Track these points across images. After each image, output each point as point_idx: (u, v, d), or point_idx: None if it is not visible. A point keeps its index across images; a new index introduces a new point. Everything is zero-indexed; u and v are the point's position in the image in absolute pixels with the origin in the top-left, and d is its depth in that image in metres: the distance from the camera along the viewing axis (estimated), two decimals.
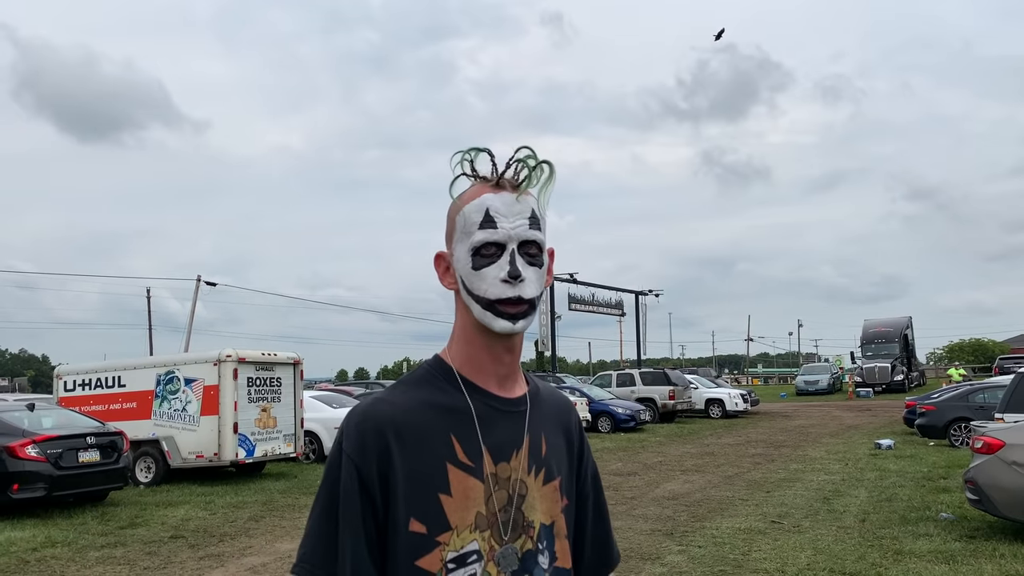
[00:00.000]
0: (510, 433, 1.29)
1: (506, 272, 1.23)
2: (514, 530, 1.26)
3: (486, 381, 1.30)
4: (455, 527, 1.21)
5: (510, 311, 1.23)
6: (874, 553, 7.33)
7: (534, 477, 1.30)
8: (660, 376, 27.78)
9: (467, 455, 1.24)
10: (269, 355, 14.34)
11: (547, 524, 1.31)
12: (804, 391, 45.68)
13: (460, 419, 1.25)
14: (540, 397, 1.38)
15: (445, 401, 1.26)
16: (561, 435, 1.40)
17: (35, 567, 7.63)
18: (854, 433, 20.63)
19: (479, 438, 1.25)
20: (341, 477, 1.20)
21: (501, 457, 1.27)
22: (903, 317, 48.74)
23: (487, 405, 1.28)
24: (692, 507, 10.08)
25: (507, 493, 1.26)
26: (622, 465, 14.90)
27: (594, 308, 42.74)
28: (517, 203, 1.26)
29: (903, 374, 43.09)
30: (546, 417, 1.37)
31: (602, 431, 22.77)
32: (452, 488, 1.22)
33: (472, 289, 1.25)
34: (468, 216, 1.26)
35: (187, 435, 13.50)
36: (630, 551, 7.67)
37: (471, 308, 1.26)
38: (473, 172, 1.29)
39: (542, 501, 1.30)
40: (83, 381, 14.73)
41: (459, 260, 1.27)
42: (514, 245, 1.24)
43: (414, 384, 1.30)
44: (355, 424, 1.23)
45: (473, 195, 1.28)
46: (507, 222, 1.25)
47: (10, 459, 10.14)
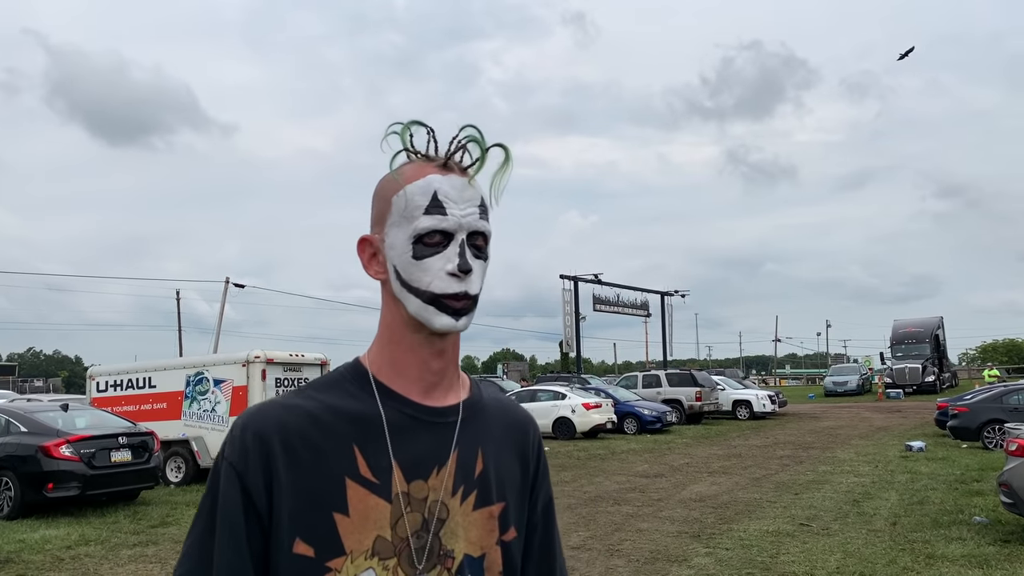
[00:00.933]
0: (431, 447, 1.10)
1: (455, 265, 1.07)
2: (429, 559, 1.07)
3: (407, 387, 1.11)
4: (349, 552, 1.04)
5: (455, 306, 1.07)
6: (905, 557, 7.23)
7: (460, 500, 1.11)
8: (686, 377, 27.60)
9: (371, 470, 1.06)
10: (296, 356, 14.48)
11: (475, 556, 1.11)
12: (833, 392, 45.14)
13: (367, 429, 1.08)
14: (482, 408, 1.18)
15: (352, 408, 1.09)
16: (512, 454, 1.20)
17: (69, 564, 7.77)
18: (884, 435, 20.36)
19: (388, 451, 1.07)
20: (220, 488, 1.05)
21: (416, 474, 1.08)
22: (934, 317, 47.99)
23: (403, 414, 1.10)
24: (719, 509, 10.01)
25: (422, 516, 1.07)
26: (648, 467, 14.83)
27: (619, 309, 42.63)
28: (467, 188, 1.10)
29: (934, 375, 42.44)
30: (489, 432, 1.17)
31: (628, 433, 22.68)
32: (350, 507, 1.05)
33: (410, 280, 1.08)
34: (411, 198, 1.08)
35: (216, 435, 13.66)
36: (656, 553, 7.63)
37: (405, 302, 1.09)
38: (413, 148, 1.11)
39: (470, 529, 1.11)
40: (115, 382, 14.98)
41: (395, 247, 1.10)
42: (463, 235, 1.08)
43: (321, 388, 1.12)
44: (239, 430, 1.08)
45: (416, 174, 1.09)
46: (457, 209, 1.08)
47: (45, 458, 10.33)
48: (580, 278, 39.29)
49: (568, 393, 22.16)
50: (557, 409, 21.56)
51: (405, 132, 1.11)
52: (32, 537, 8.98)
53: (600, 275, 40.66)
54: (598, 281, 40.54)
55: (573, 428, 21.12)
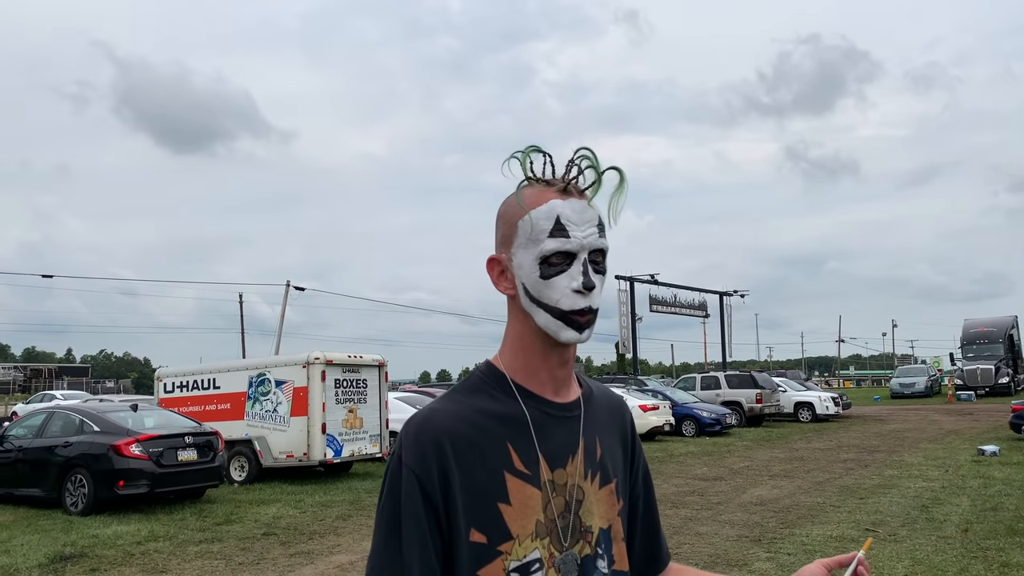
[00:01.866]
0: (565, 438, 1.26)
1: (580, 283, 1.19)
2: (573, 536, 1.23)
3: (540, 387, 1.26)
4: (516, 536, 1.18)
5: (579, 320, 1.20)
6: (978, 565, 6.96)
7: (590, 481, 1.27)
8: (746, 379, 27.15)
9: (524, 463, 1.21)
10: (355, 357, 14.69)
11: (605, 528, 1.28)
12: (899, 394, 43.87)
13: (516, 427, 1.22)
14: (593, 399, 1.34)
15: (499, 409, 1.23)
16: (616, 436, 1.37)
17: (139, 560, 8.03)
18: (955, 438, 19.66)
19: (535, 445, 1.22)
20: (403, 490, 1.17)
21: (557, 463, 1.23)
22: (1008, 316, 46.16)
23: (542, 411, 1.24)
24: (781, 513, 9.80)
25: (564, 499, 1.23)
26: (707, 470, 14.62)
27: (676, 309, 42.13)
28: (587, 210, 1.21)
29: (1008, 376, 40.85)
30: (600, 419, 1.34)
31: (686, 435, 22.40)
32: (511, 497, 1.19)
33: (540, 298, 1.20)
34: (536, 223, 1.19)
35: (278, 435, 13.96)
36: (716, 557, 7.52)
37: (534, 315, 1.22)
38: (534, 174, 1.23)
39: (599, 505, 1.28)
40: (181, 383, 15.43)
41: (522, 267, 1.22)
42: (585, 255, 1.20)
43: (467, 392, 1.26)
44: (414, 435, 1.19)
45: (538, 200, 1.21)
46: (578, 231, 1.20)
47: (116, 457, 10.70)
48: (636, 278, 38.97)
49: (625, 395, 21.99)
50: None
51: (526, 159, 1.21)
52: (105, 533, 9.31)
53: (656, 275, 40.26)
54: (654, 281, 40.14)
55: None
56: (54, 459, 11.22)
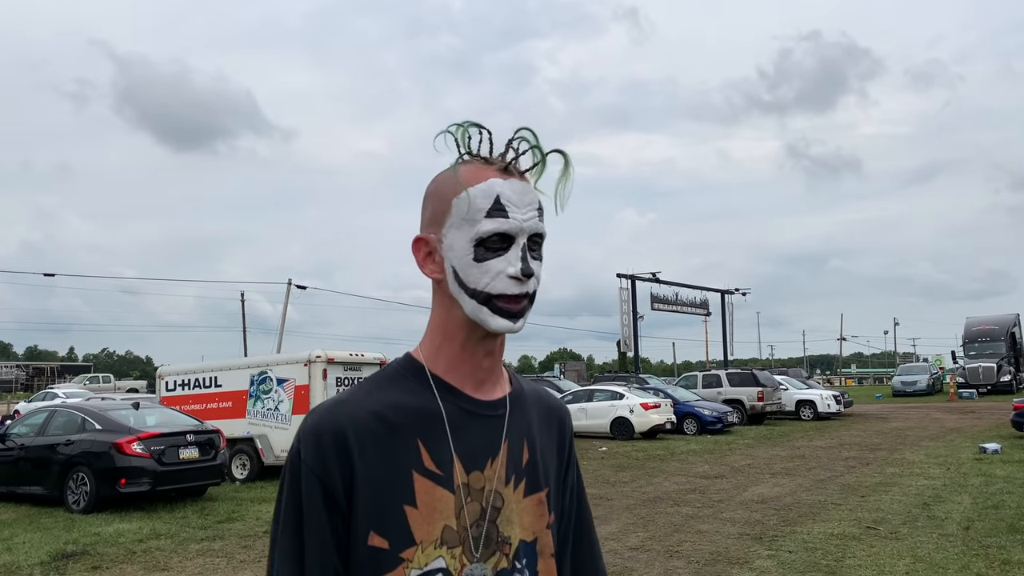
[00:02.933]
0: (485, 439, 1.14)
1: (517, 268, 1.09)
2: (487, 547, 1.11)
3: (461, 382, 1.15)
4: (420, 542, 1.08)
5: (512, 308, 1.10)
6: (979, 563, 6.96)
7: (512, 488, 1.15)
8: (748, 377, 27.14)
9: (435, 463, 1.10)
10: (356, 355, 14.70)
11: (529, 541, 1.16)
12: (901, 392, 43.87)
13: (429, 423, 1.11)
14: (524, 399, 1.22)
15: (413, 403, 1.12)
16: (551, 442, 1.25)
17: (141, 557, 8.04)
18: (956, 436, 19.65)
19: (450, 444, 1.11)
20: (303, 490, 1.08)
21: (474, 466, 1.12)
22: (1010, 314, 46.16)
23: (460, 408, 1.14)
24: (782, 511, 9.80)
25: (480, 505, 1.12)
26: (709, 468, 14.61)
27: (678, 308, 42.14)
28: (528, 192, 1.12)
29: (1010, 374, 40.85)
30: (530, 422, 1.21)
31: (688, 433, 22.40)
32: (418, 499, 1.08)
33: (468, 282, 1.10)
34: (473, 201, 1.09)
35: (279, 433, 13.97)
36: (717, 555, 7.52)
37: (461, 302, 1.11)
38: (469, 150, 1.13)
39: (522, 515, 1.16)
40: (183, 381, 15.44)
41: (453, 248, 1.11)
42: (524, 238, 1.10)
43: (380, 384, 1.16)
44: (312, 429, 1.09)
45: (476, 177, 1.11)
46: (519, 212, 1.10)
47: (118, 455, 10.71)
48: (638, 277, 38.96)
49: (626, 393, 21.99)
50: (615, 409, 21.42)
51: (463, 133, 1.12)
52: (106, 530, 9.32)
53: (658, 274, 40.25)
54: (656, 280, 40.14)
55: (631, 428, 20.94)
56: (56, 457, 11.23)
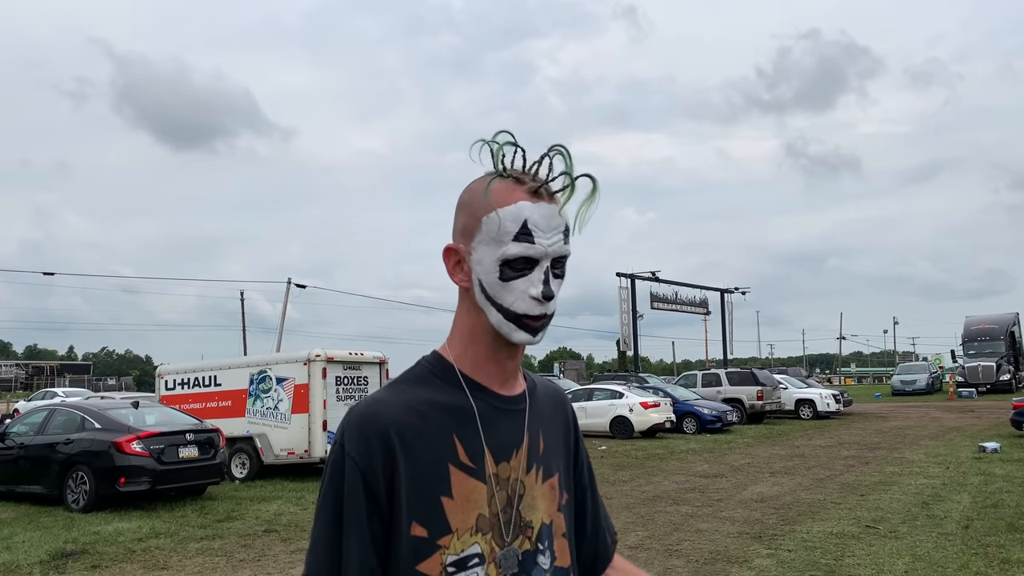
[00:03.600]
0: (510, 432, 1.24)
1: (539, 291, 1.16)
2: (514, 531, 1.21)
3: (488, 380, 1.24)
4: (456, 530, 1.16)
5: (533, 324, 1.18)
6: (978, 561, 6.96)
7: (533, 476, 1.25)
8: (747, 376, 27.13)
9: (469, 456, 1.19)
10: (356, 355, 14.70)
11: (547, 523, 1.26)
12: (901, 391, 43.85)
13: (462, 419, 1.20)
14: (537, 393, 1.32)
15: (446, 400, 1.20)
16: (558, 429, 1.35)
17: (141, 556, 8.04)
18: (956, 435, 19.65)
19: (481, 438, 1.20)
20: (345, 483, 1.14)
21: (502, 457, 1.22)
22: (1009, 314, 46.17)
23: (488, 404, 1.22)
24: (781, 510, 9.80)
25: (507, 494, 1.21)
26: (708, 467, 14.62)
27: (677, 307, 42.10)
28: (554, 216, 1.17)
29: (1010, 373, 40.86)
30: (543, 412, 1.32)
31: (687, 432, 22.39)
32: (454, 490, 1.17)
33: (495, 298, 1.17)
34: (502, 223, 1.15)
35: (279, 432, 13.97)
36: (717, 554, 7.52)
37: (487, 313, 1.19)
38: (504, 167, 1.18)
39: (541, 500, 1.26)
40: (182, 380, 15.44)
41: (482, 264, 1.18)
42: (548, 262, 1.17)
43: (414, 382, 1.23)
44: (357, 425, 1.16)
45: (507, 199, 1.16)
46: (544, 238, 1.16)
47: (118, 454, 10.71)
48: (637, 276, 38.93)
49: (626, 392, 21.98)
50: (615, 408, 21.42)
51: (499, 151, 1.17)
52: (106, 529, 9.32)
53: (658, 273, 40.21)
54: (655, 279, 40.10)
55: (631, 427, 20.95)
56: (55, 456, 11.23)
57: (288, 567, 7.54)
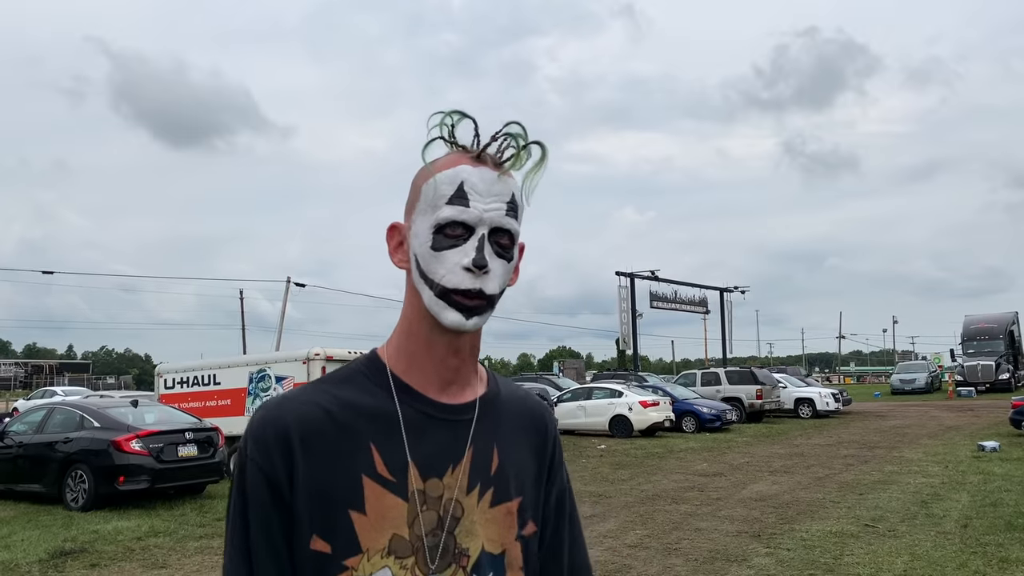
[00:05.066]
0: (447, 444, 1.09)
1: (470, 259, 1.03)
2: (443, 558, 1.06)
3: (423, 382, 1.10)
4: (366, 550, 1.03)
5: (465, 303, 1.04)
6: (977, 560, 6.97)
7: (477, 498, 1.09)
8: (747, 375, 27.15)
9: (388, 468, 1.05)
10: (355, 353, 14.64)
11: (495, 553, 1.10)
12: (900, 390, 43.85)
13: (384, 426, 1.07)
14: (499, 404, 1.17)
15: (369, 404, 1.08)
16: (527, 448, 1.18)
17: (140, 555, 8.04)
18: (955, 434, 19.67)
19: (405, 449, 1.06)
20: (248, 484, 1.06)
21: (432, 472, 1.07)
22: (1008, 312, 46.24)
23: (420, 411, 1.08)
24: (780, 509, 9.81)
25: (437, 514, 1.06)
26: (707, 466, 14.63)
27: (677, 306, 42.12)
28: (497, 182, 1.06)
29: (1009, 372, 40.91)
30: (505, 427, 1.16)
31: (686, 431, 22.41)
32: (366, 505, 1.04)
33: (427, 272, 1.05)
34: (438, 186, 1.05)
35: None
36: (715, 552, 7.52)
37: (421, 294, 1.07)
38: (452, 138, 1.08)
39: (486, 526, 1.10)
40: (181, 379, 15.43)
41: (417, 235, 1.07)
42: (485, 230, 1.04)
43: (337, 382, 1.11)
44: (259, 424, 1.07)
45: (448, 164, 1.06)
46: (481, 202, 1.04)
47: (117, 452, 10.70)
48: (636, 275, 38.94)
49: (625, 391, 21.99)
50: (614, 407, 21.43)
51: (447, 121, 1.07)
52: (105, 528, 9.32)
53: (657, 271, 40.22)
54: (655, 278, 40.11)
55: (630, 426, 20.96)
56: (54, 455, 11.23)
57: None
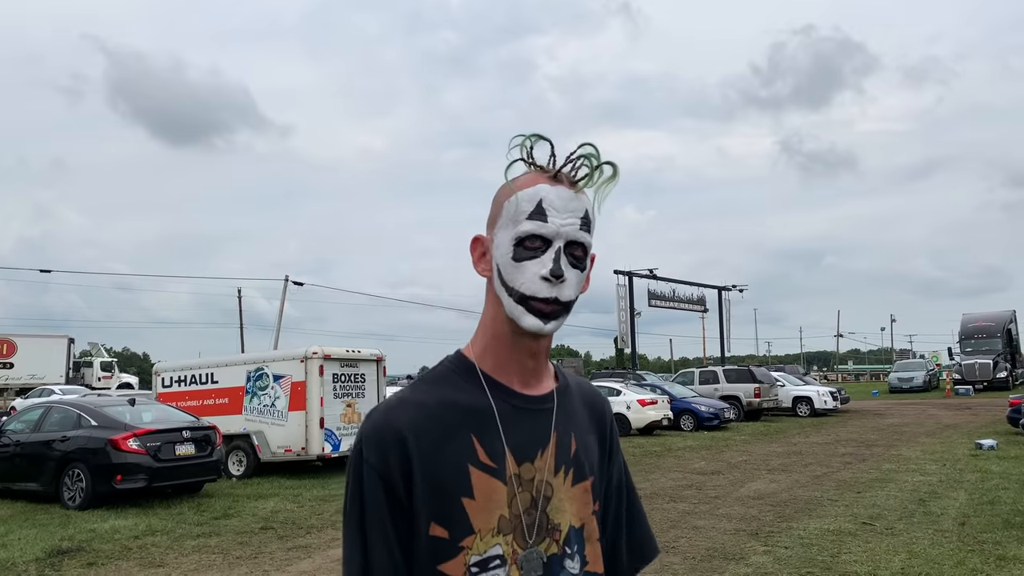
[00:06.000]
0: (535, 432, 1.23)
1: (548, 270, 1.16)
2: (539, 533, 1.20)
3: (508, 378, 1.24)
4: (478, 531, 1.16)
5: (543, 309, 1.17)
6: (974, 558, 6.97)
7: (562, 478, 1.24)
8: (745, 373, 27.18)
9: (489, 456, 1.18)
10: (353, 352, 14.69)
11: (577, 527, 1.25)
12: (898, 389, 43.91)
13: (481, 419, 1.20)
14: (569, 393, 1.31)
15: (466, 400, 1.21)
16: (593, 433, 1.33)
17: (137, 554, 8.02)
18: (952, 432, 19.69)
19: (501, 438, 1.20)
20: (365, 488, 1.17)
21: (524, 457, 1.21)
22: (1006, 311, 46.35)
23: (509, 403, 1.22)
24: (778, 507, 9.81)
25: (531, 495, 1.20)
26: (705, 464, 14.63)
27: (675, 304, 42.10)
28: (572, 199, 1.20)
29: (1006, 371, 41.02)
30: (576, 414, 1.30)
31: (684, 429, 22.42)
32: (475, 491, 1.17)
33: (507, 280, 1.19)
34: (519, 204, 1.19)
35: (276, 430, 13.96)
36: (713, 551, 7.52)
37: (502, 300, 1.20)
38: (531, 159, 1.21)
39: (571, 503, 1.24)
40: (179, 378, 15.41)
41: (499, 247, 1.21)
42: (561, 243, 1.18)
43: (433, 383, 1.24)
44: (373, 429, 1.19)
45: (528, 183, 1.20)
46: (558, 217, 1.18)
47: (114, 451, 10.69)
48: (635, 273, 38.92)
49: (623, 389, 22.00)
50: (612, 405, 21.36)
51: (527, 143, 1.21)
52: (102, 527, 9.31)
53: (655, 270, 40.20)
54: (653, 276, 40.08)
55: (628, 425, 20.96)
56: (52, 453, 11.22)
57: (285, 564, 7.54)
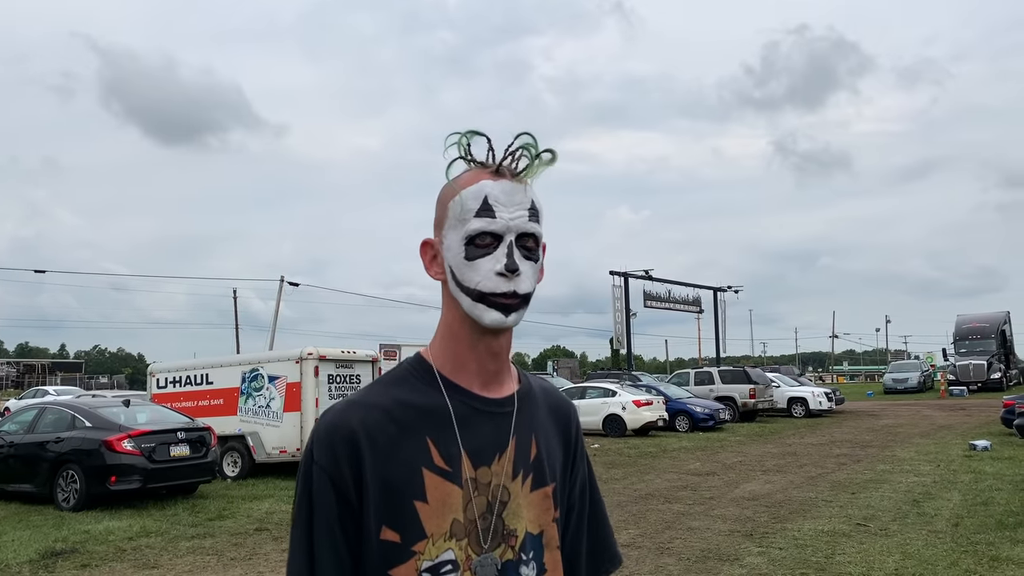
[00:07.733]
0: (493, 435, 1.21)
1: (502, 265, 1.15)
2: (493, 539, 1.18)
3: (468, 380, 1.21)
4: (430, 535, 1.14)
5: (503, 302, 1.16)
6: (968, 559, 6.99)
7: (520, 483, 1.21)
8: (740, 374, 27.20)
9: (444, 459, 1.16)
10: (348, 353, 14.68)
11: (534, 533, 1.22)
12: (892, 389, 44.01)
13: (437, 421, 1.18)
14: (532, 397, 1.28)
15: (422, 401, 1.19)
16: (558, 438, 1.31)
17: (131, 555, 8.00)
18: (947, 433, 19.75)
19: (458, 441, 1.17)
20: (314, 489, 1.15)
21: (481, 461, 1.19)
22: (1000, 312, 46.50)
23: (467, 405, 1.20)
24: (773, 508, 9.83)
25: (487, 499, 1.18)
26: (700, 465, 14.65)
27: (671, 305, 42.14)
28: (517, 192, 1.18)
29: (1000, 372, 41.14)
30: (539, 418, 1.28)
31: (680, 430, 22.43)
32: (428, 494, 1.15)
33: (463, 280, 1.17)
34: (464, 203, 1.17)
35: (271, 431, 13.94)
36: (708, 552, 7.53)
37: (460, 301, 1.18)
38: (470, 156, 1.20)
39: (528, 509, 1.22)
40: (174, 379, 15.38)
41: (450, 249, 1.19)
42: (512, 237, 1.16)
43: (390, 384, 1.23)
44: (324, 430, 1.17)
45: (470, 180, 1.18)
46: (506, 212, 1.16)
47: (108, 452, 10.66)
48: (630, 274, 38.96)
49: (619, 390, 22.01)
50: (607, 406, 21.44)
51: (463, 141, 1.19)
52: (96, 528, 9.28)
53: (651, 271, 40.23)
54: (649, 277, 40.11)
55: (624, 425, 20.97)
56: (46, 455, 11.18)
57: (279, 566, 7.52)
